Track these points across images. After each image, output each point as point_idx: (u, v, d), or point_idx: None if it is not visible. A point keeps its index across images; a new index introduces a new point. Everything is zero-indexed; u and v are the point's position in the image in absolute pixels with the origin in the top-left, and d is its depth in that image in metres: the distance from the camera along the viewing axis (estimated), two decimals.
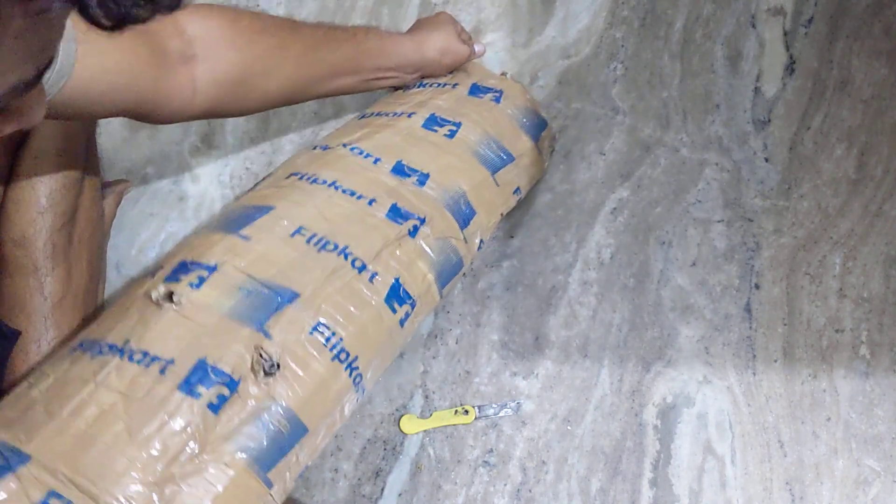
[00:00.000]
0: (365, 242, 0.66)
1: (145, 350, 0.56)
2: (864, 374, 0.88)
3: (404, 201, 0.70)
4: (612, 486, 0.82)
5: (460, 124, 0.78)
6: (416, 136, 0.76)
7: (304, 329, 0.60)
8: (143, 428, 0.53)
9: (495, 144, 0.79)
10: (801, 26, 1.02)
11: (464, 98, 0.82)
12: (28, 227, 0.69)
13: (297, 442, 0.57)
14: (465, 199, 0.74)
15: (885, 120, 0.98)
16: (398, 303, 0.66)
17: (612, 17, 1.01)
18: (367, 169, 0.72)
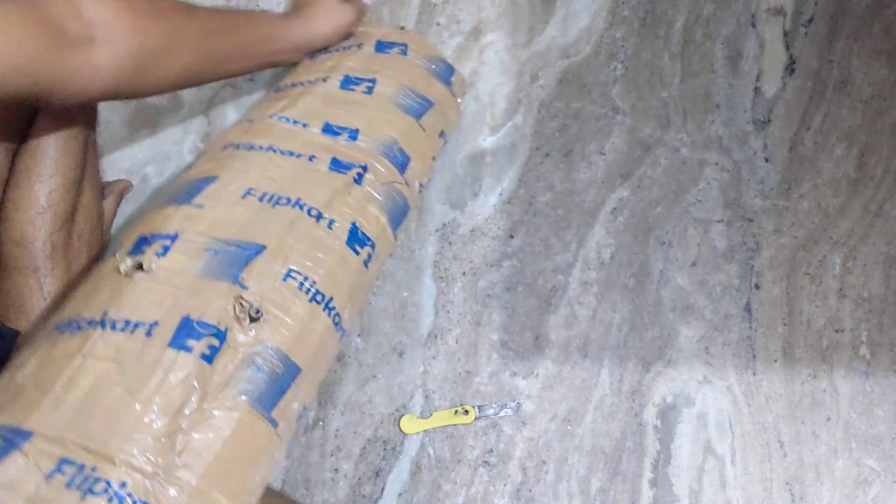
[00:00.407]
0: (315, 193, 0.68)
1: (126, 318, 0.56)
2: (864, 374, 0.88)
3: (342, 154, 0.72)
4: (612, 486, 0.82)
5: (375, 80, 0.80)
6: (336, 98, 0.78)
7: (277, 277, 0.61)
8: (142, 387, 0.53)
9: (413, 93, 0.81)
10: (801, 26, 1.02)
11: (372, 55, 0.84)
12: (27, 227, 0.69)
13: (293, 381, 0.59)
14: (398, 146, 0.76)
15: (885, 120, 0.98)
16: (359, 245, 0.68)
17: (613, 16, 1.01)
18: (298, 133, 0.74)
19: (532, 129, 0.96)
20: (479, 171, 0.94)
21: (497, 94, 0.97)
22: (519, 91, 0.97)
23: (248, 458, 0.56)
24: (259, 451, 0.56)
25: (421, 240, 0.90)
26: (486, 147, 0.95)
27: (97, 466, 0.49)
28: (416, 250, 0.90)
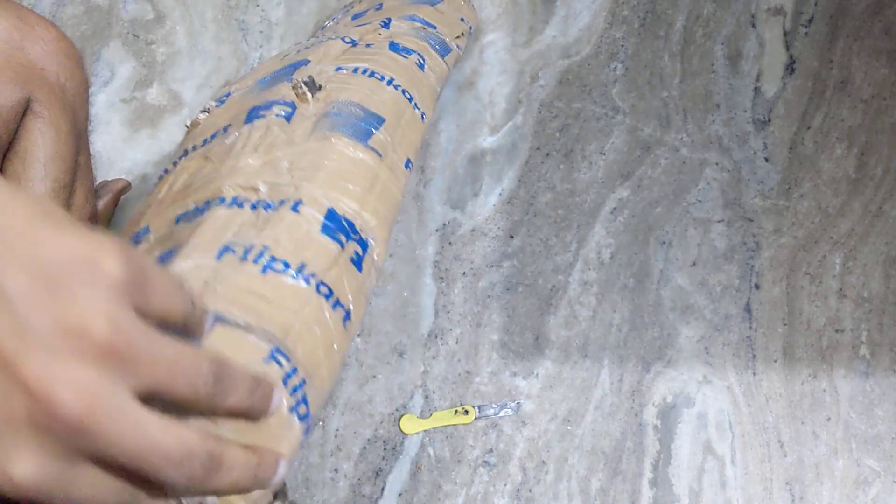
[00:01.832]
0: (345, 34, 0.67)
1: (203, 138, 0.57)
2: (864, 374, 0.88)
3: (363, 18, 0.74)
4: (612, 486, 0.82)
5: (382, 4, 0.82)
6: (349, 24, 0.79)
7: (327, 70, 0.59)
8: (229, 154, 0.51)
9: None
10: (801, 26, 1.02)
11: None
12: None
13: (381, 126, 0.55)
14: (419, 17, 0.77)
15: (885, 120, 0.98)
16: (405, 53, 0.66)
17: (613, 16, 1.01)
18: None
19: (532, 129, 0.96)
20: (479, 171, 0.94)
21: (497, 94, 0.97)
22: (519, 91, 0.97)
23: (360, 177, 0.51)
24: (370, 170, 0.52)
25: (421, 240, 0.90)
26: (486, 147, 0.95)
27: (209, 199, 0.47)
28: (416, 250, 0.90)
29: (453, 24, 0.85)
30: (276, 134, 0.51)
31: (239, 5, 1.01)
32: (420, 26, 0.76)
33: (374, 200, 0.53)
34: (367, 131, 0.54)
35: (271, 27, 1.00)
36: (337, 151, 0.51)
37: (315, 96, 0.54)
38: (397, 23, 0.72)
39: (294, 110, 0.54)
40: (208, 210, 0.47)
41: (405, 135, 0.59)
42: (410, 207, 0.92)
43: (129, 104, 0.93)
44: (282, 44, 0.99)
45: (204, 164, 0.53)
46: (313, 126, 0.53)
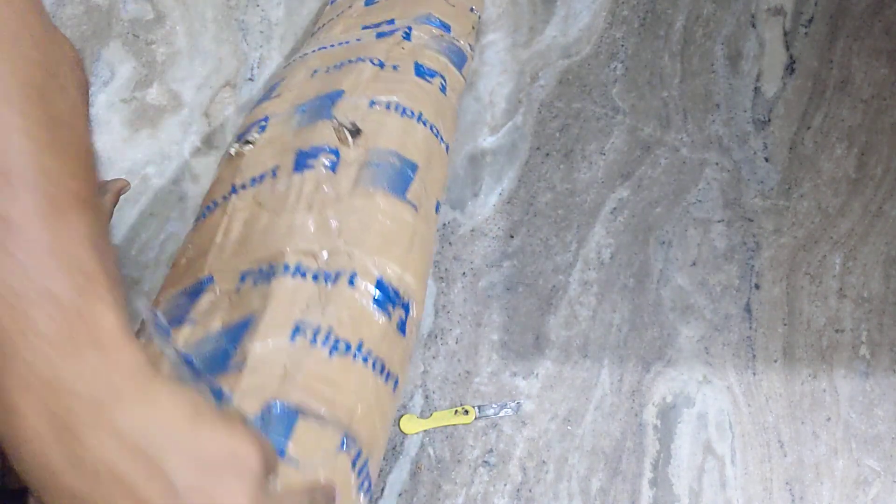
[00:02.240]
0: (372, 50, 0.71)
1: (251, 177, 0.60)
2: (864, 374, 0.88)
3: (384, 29, 0.77)
4: (612, 486, 0.82)
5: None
6: (364, 13, 0.83)
7: (363, 106, 0.64)
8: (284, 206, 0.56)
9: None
10: (801, 26, 1.02)
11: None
12: None
13: (415, 174, 0.61)
14: (434, 16, 0.80)
15: (885, 120, 0.98)
16: (428, 76, 0.71)
17: (613, 16, 1.01)
18: (347, 35, 0.78)
19: (532, 129, 0.96)
20: (479, 171, 0.94)
21: (497, 94, 0.97)
22: (519, 91, 0.97)
23: (402, 234, 0.57)
24: (408, 226, 0.58)
25: None
26: (487, 147, 0.95)
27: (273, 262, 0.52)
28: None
29: (464, 19, 0.85)
30: (325, 192, 0.57)
31: (239, 5, 1.01)
32: (438, 33, 0.78)
33: (414, 259, 0.58)
34: (405, 183, 0.60)
35: (271, 27, 1.00)
36: (381, 210, 0.57)
37: (355, 141, 0.60)
38: (417, 32, 0.75)
39: (338, 158, 0.59)
40: (274, 278, 0.51)
41: (435, 176, 0.64)
42: None
43: (129, 104, 0.93)
44: (281, 44, 0.99)
45: (258, 212, 0.57)
46: (356, 176, 0.58)
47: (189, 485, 0.32)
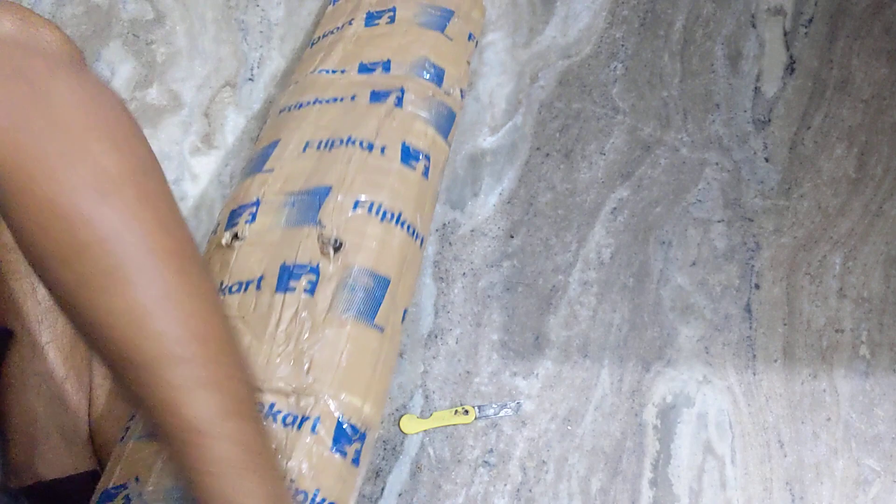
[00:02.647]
0: (362, 127, 0.75)
1: (237, 280, 0.66)
2: (864, 374, 0.88)
3: (379, 85, 0.79)
4: (612, 485, 0.82)
5: (395, 8, 0.87)
6: (363, 36, 0.86)
7: (347, 209, 0.69)
8: (265, 331, 0.63)
9: (431, 8, 0.87)
10: (801, 26, 1.02)
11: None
12: None
13: (386, 291, 0.67)
14: (429, 61, 0.82)
15: (885, 120, 0.98)
16: (414, 160, 0.75)
17: (613, 16, 1.01)
18: (338, 79, 0.82)
19: (532, 130, 0.96)
20: (479, 171, 0.94)
21: (497, 95, 0.97)
22: (519, 91, 0.97)
23: (366, 362, 0.64)
24: (373, 354, 0.65)
25: None
26: (487, 147, 0.95)
27: None
28: None
29: (461, 53, 0.86)
30: (302, 318, 0.63)
31: (239, 5, 1.01)
32: (430, 91, 0.80)
33: (375, 385, 0.64)
34: (375, 306, 0.66)
35: (271, 27, 1.00)
36: (350, 339, 0.63)
37: (336, 255, 0.66)
38: (410, 94, 0.78)
39: (318, 276, 0.66)
40: None
41: (406, 284, 0.70)
42: None
43: (129, 104, 0.93)
44: (282, 44, 0.99)
45: (242, 331, 0.63)
46: (332, 299, 0.65)
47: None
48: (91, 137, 0.37)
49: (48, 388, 0.69)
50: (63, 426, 0.69)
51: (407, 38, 0.83)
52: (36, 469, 0.66)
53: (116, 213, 0.36)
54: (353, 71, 0.82)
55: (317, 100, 0.80)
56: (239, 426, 0.39)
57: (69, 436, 0.69)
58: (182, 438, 0.38)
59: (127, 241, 0.36)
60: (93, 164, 0.36)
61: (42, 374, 0.69)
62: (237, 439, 0.39)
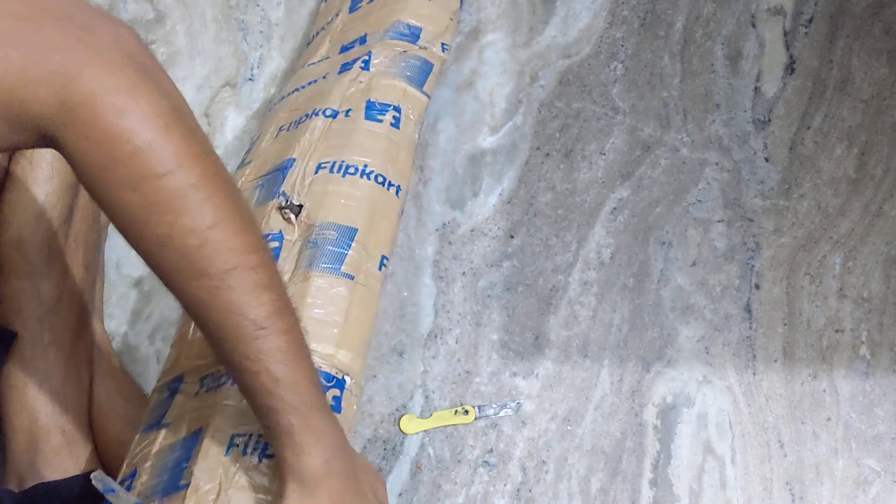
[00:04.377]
0: (329, 98, 0.76)
1: None
2: (864, 374, 0.88)
3: (350, 57, 0.80)
4: (612, 486, 0.82)
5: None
6: (347, 22, 0.88)
7: (308, 174, 0.69)
8: None
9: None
10: (801, 26, 1.02)
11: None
12: (24, 230, 0.69)
13: (353, 239, 0.66)
14: (403, 23, 0.83)
15: (885, 120, 0.98)
16: (379, 114, 0.74)
17: (613, 16, 1.01)
18: (320, 65, 0.84)
19: (532, 129, 0.96)
20: (479, 171, 0.94)
21: (497, 94, 0.97)
22: (519, 91, 0.97)
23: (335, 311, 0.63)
24: (343, 301, 0.64)
25: (421, 240, 0.90)
26: (486, 147, 0.95)
27: (220, 368, 0.60)
28: (416, 250, 0.90)
29: (441, 12, 0.86)
30: None
31: (239, 5, 1.01)
32: (401, 48, 0.80)
33: (350, 332, 0.64)
34: (341, 255, 0.65)
35: (271, 27, 1.00)
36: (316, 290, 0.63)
37: (298, 219, 0.66)
38: (378, 57, 0.78)
39: (281, 243, 0.66)
40: (221, 387, 0.59)
41: (379, 230, 0.69)
42: (410, 207, 0.92)
43: None
44: (282, 44, 0.99)
45: None
46: (296, 260, 0.65)
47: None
48: (142, 77, 0.42)
49: (49, 389, 0.69)
50: (64, 426, 0.69)
51: (384, 10, 0.84)
52: (37, 469, 0.66)
53: (176, 142, 0.42)
54: (335, 54, 0.83)
55: (295, 89, 0.81)
56: (290, 320, 0.47)
57: (70, 436, 0.69)
58: (249, 334, 0.45)
59: (187, 166, 0.42)
60: (148, 100, 0.41)
61: (43, 374, 0.69)
62: (291, 331, 0.47)
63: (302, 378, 0.47)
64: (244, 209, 0.46)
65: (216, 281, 0.44)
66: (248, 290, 0.45)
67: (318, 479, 0.49)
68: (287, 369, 0.46)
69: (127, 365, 0.82)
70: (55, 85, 0.39)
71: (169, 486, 0.56)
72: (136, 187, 0.41)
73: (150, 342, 0.84)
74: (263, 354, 0.46)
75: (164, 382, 0.66)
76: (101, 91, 0.40)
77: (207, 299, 0.44)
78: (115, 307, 0.85)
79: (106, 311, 0.84)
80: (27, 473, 0.66)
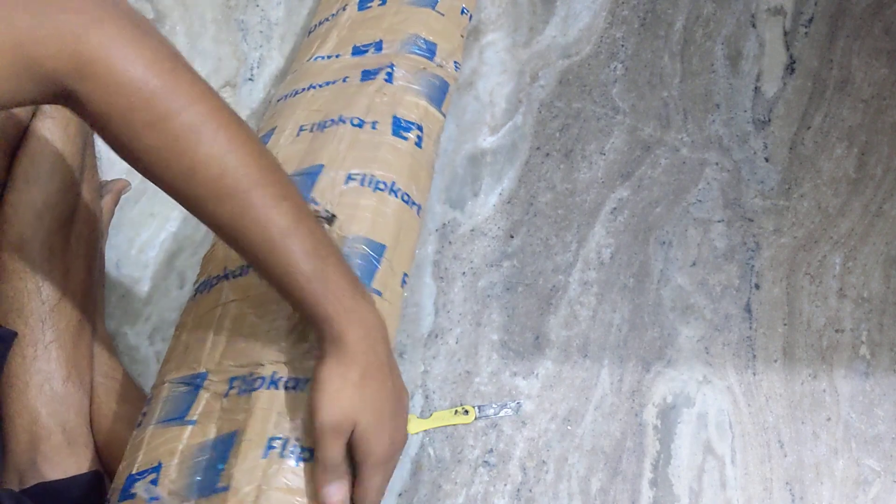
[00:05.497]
0: (353, 106, 0.76)
1: (239, 265, 0.67)
2: (864, 374, 0.88)
3: (370, 64, 0.80)
4: (612, 486, 0.82)
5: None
6: (357, 20, 0.86)
7: (339, 183, 0.70)
8: (267, 309, 0.63)
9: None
10: (801, 26, 1.02)
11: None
12: (26, 230, 0.69)
13: (382, 256, 0.67)
14: (420, 38, 0.83)
15: (885, 120, 0.98)
16: (405, 131, 0.75)
17: (613, 16, 1.01)
18: (332, 64, 0.83)
19: (532, 129, 0.96)
20: (479, 170, 0.94)
21: (497, 94, 0.97)
22: (519, 91, 0.97)
23: None
24: None
25: (421, 239, 0.90)
26: (486, 147, 0.95)
27: (253, 372, 0.61)
28: (417, 250, 0.90)
29: (454, 28, 0.86)
30: None
31: (239, 5, 1.01)
32: (421, 64, 0.80)
33: None
34: (371, 271, 0.66)
35: (271, 27, 1.00)
36: None
37: (331, 228, 0.67)
38: (400, 70, 0.78)
39: None
40: (255, 391, 0.60)
41: (404, 247, 0.70)
42: None
43: None
44: (282, 44, 0.99)
45: (245, 312, 0.64)
46: None
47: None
48: (140, 29, 0.46)
49: (50, 388, 0.69)
50: (65, 426, 0.69)
51: (398, 18, 0.84)
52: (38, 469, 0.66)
53: (184, 82, 0.48)
54: (347, 55, 0.83)
55: (311, 85, 0.81)
56: (311, 223, 0.52)
57: (71, 436, 0.69)
58: (277, 240, 0.50)
59: (197, 102, 0.47)
60: (152, 47, 0.46)
61: (44, 373, 0.69)
62: (314, 233, 0.52)
63: (332, 272, 0.52)
64: (252, 134, 0.51)
65: (241, 201, 0.49)
66: (271, 203, 0.50)
67: (356, 353, 0.53)
68: (315, 265, 0.51)
69: (127, 365, 0.82)
70: (66, 43, 0.43)
71: (205, 487, 0.57)
72: (156, 128, 0.46)
73: (150, 342, 0.84)
74: (293, 256, 0.51)
75: (178, 375, 0.65)
76: (111, 44, 0.44)
77: (235, 219, 0.50)
78: (115, 307, 0.85)
79: (106, 311, 0.84)
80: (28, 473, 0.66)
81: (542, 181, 0.93)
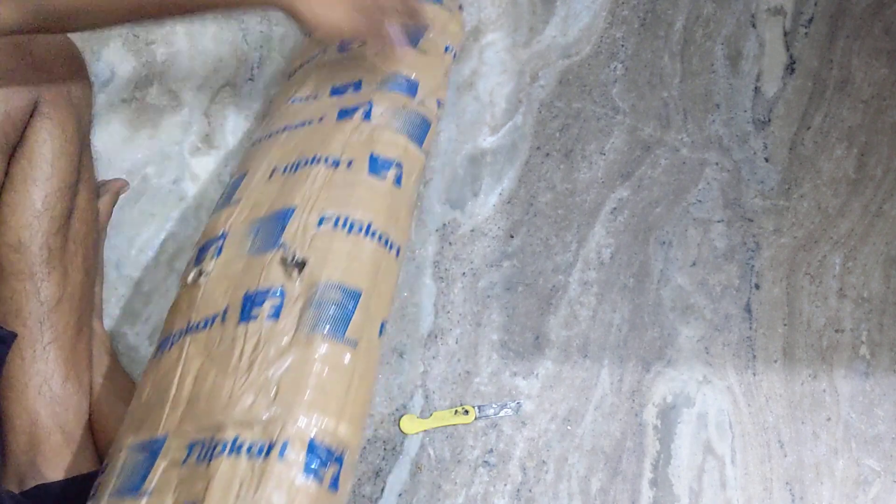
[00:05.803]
0: (328, 145, 0.73)
1: (203, 316, 0.64)
2: (864, 374, 0.88)
3: (349, 103, 0.78)
4: (612, 485, 0.82)
5: None
6: (337, 61, 0.85)
7: (311, 226, 0.66)
8: (228, 364, 0.61)
9: (404, 26, 0.85)
10: (801, 26, 1.02)
11: None
12: (24, 232, 0.69)
13: (358, 303, 0.64)
14: (402, 75, 0.80)
15: (885, 120, 0.98)
16: (383, 169, 0.72)
17: (613, 16, 1.01)
18: (309, 105, 0.81)
19: (532, 129, 0.96)
20: (479, 171, 0.94)
21: (497, 94, 0.97)
22: (519, 91, 0.97)
23: (338, 380, 0.61)
24: (346, 370, 0.61)
25: (421, 240, 0.90)
26: (487, 147, 0.95)
27: (214, 436, 0.57)
28: (416, 250, 0.90)
29: (437, 66, 0.84)
30: (267, 347, 0.60)
31: None
32: (402, 102, 0.77)
33: (351, 403, 0.61)
34: (345, 320, 0.62)
35: (271, 27, 1.00)
36: (319, 359, 0.60)
37: (301, 275, 0.63)
38: (379, 108, 0.76)
39: (283, 298, 0.63)
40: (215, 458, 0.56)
41: (381, 294, 0.67)
42: None
43: (130, 104, 0.93)
44: (281, 44, 0.99)
45: (208, 368, 0.61)
46: (298, 320, 0.62)
47: None
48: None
49: (50, 389, 0.69)
50: (65, 427, 0.69)
51: (379, 57, 0.81)
52: (38, 470, 0.66)
53: None
54: (325, 95, 0.80)
55: (286, 127, 0.78)
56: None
57: (71, 436, 0.69)
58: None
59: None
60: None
61: (43, 374, 0.69)
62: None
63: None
64: None
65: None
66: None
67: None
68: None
69: (127, 365, 0.82)
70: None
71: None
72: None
73: (149, 342, 0.84)
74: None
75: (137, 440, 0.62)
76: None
77: None
78: (115, 307, 0.85)
79: (106, 312, 0.84)
80: (27, 473, 0.66)
81: (542, 181, 0.93)
